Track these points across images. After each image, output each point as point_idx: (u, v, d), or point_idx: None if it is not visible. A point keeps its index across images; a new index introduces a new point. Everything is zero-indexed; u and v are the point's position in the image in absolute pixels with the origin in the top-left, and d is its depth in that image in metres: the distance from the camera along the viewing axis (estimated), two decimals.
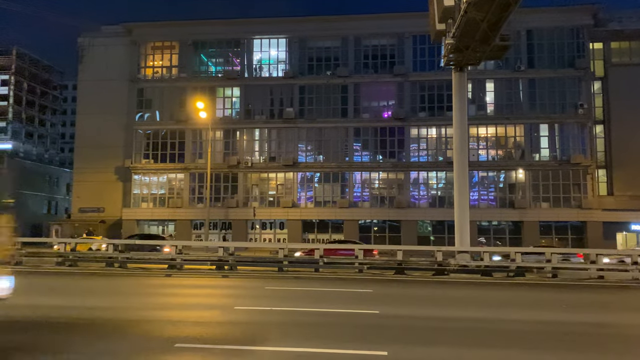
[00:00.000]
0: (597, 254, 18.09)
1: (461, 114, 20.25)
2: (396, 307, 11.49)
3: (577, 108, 38.43)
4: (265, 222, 40.17)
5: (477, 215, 38.11)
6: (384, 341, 7.99)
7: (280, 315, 10.39)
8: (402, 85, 40.22)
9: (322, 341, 8.02)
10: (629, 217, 37.72)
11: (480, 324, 9.64)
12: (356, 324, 9.54)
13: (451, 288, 15.45)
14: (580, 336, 8.79)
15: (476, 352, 7.50)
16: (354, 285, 15.41)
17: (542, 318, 10.42)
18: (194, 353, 7.27)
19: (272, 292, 13.83)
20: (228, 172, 40.25)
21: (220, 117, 40.95)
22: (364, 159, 40.43)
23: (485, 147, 39.76)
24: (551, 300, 13.31)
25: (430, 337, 8.55)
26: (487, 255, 18.31)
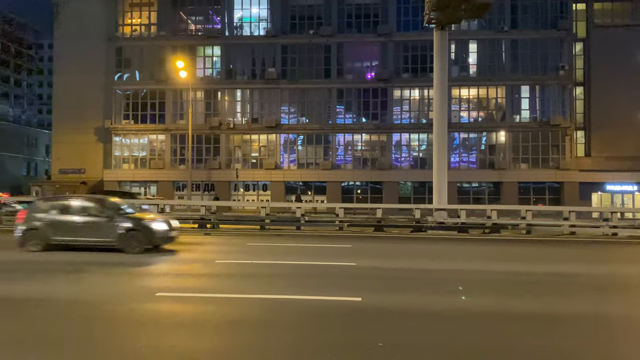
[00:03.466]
0: (570, 211, 18.67)
1: (442, 74, 20.27)
2: (373, 260, 11.84)
3: (558, 69, 38.62)
4: (249, 183, 40.28)
5: (457, 176, 38.69)
6: (360, 289, 8.31)
7: (261, 267, 10.66)
8: (386, 45, 39.86)
9: (300, 289, 8.31)
10: (605, 178, 38.64)
11: (454, 274, 10.02)
12: (334, 274, 9.86)
13: (428, 243, 15.89)
14: (545, 285, 9.23)
15: (446, 298, 7.86)
16: (334, 241, 15.76)
17: (513, 269, 10.87)
18: (174, 300, 7.50)
19: (253, 247, 14.10)
20: (210, 133, 39.97)
21: (201, 77, 40.32)
22: (346, 121, 40.38)
23: (467, 108, 39.95)
24: (522, 254, 13.81)
25: (403, 285, 8.90)
26: (464, 212, 18.77)
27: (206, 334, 5.77)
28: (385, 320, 6.51)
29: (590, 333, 6.09)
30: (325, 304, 7.37)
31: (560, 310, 7.17)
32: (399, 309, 7.13)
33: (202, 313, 6.77)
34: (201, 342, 5.45)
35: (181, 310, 7.00)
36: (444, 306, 7.26)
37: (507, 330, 6.12)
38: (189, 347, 5.25)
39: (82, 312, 6.70)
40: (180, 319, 6.45)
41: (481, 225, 18.92)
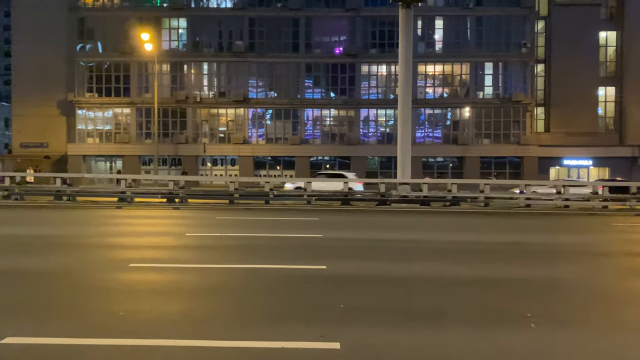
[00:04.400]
0: (525, 184, 19.69)
1: (407, 52, 20.77)
2: (339, 232, 12.42)
3: (520, 47, 39.63)
4: (216, 158, 40.27)
5: (422, 151, 39.65)
6: (324, 258, 8.83)
7: (230, 240, 11.08)
8: (354, 20, 39.96)
9: (268, 259, 8.78)
10: (562, 153, 40.30)
11: (414, 244, 10.69)
12: (301, 245, 10.37)
13: (391, 216, 16.60)
14: (494, 252, 9.98)
15: (404, 265, 8.48)
16: (302, 214, 16.28)
17: (468, 239, 11.62)
18: (147, 271, 7.86)
19: (223, 221, 14.49)
20: (176, 107, 39.58)
21: (167, 49, 39.67)
22: (315, 96, 40.61)
23: (433, 84, 40.71)
24: (479, 225, 14.65)
25: (366, 254, 9.49)
26: (426, 186, 19.57)
27: (181, 299, 6.18)
28: (348, 285, 7.05)
29: (527, 293, 6.78)
30: (292, 272, 7.86)
31: (502, 274, 7.87)
32: (361, 275, 7.68)
33: (175, 282, 7.16)
34: (176, 306, 5.86)
35: (155, 279, 7.37)
36: (403, 272, 7.86)
37: (456, 292, 6.74)
38: (165, 310, 5.66)
39: (59, 282, 7.00)
40: (155, 287, 6.83)
41: (442, 198, 19.79)
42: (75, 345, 4.53)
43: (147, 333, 4.83)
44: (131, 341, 4.60)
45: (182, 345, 4.57)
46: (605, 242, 11.73)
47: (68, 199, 19.78)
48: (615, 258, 9.62)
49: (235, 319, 5.44)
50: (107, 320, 5.26)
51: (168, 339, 4.67)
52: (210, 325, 5.17)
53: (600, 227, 14.64)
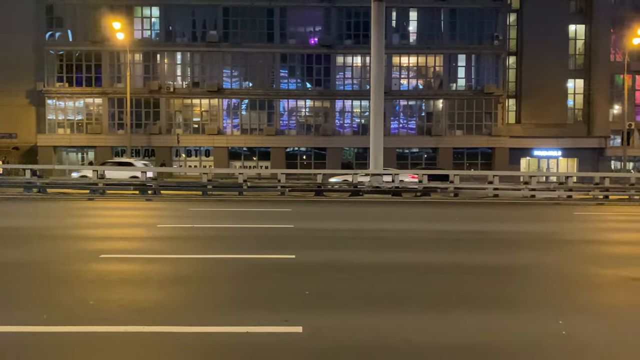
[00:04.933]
0: (493, 175, 20.20)
1: (379, 44, 20.99)
2: (310, 222, 12.63)
3: (493, 39, 40.25)
4: (191, 149, 40.00)
5: (397, 142, 40.19)
6: (294, 248, 9.04)
7: (202, 231, 11.19)
8: (329, 10, 39.96)
9: (239, 250, 8.94)
10: (533, 144, 41.26)
11: (383, 233, 10.97)
12: (272, 235, 10.54)
13: (363, 206, 16.89)
14: (461, 241, 10.33)
15: (372, 253, 8.73)
16: (275, 206, 16.44)
17: (435, 228, 11.97)
18: (118, 261, 7.94)
19: (195, 212, 14.55)
20: (149, 97, 39.10)
21: (139, 38, 39.05)
22: (290, 86, 40.58)
23: (407, 76, 41.08)
24: (448, 215, 15.04)
25: (336, 244, 9.72)
26: (397, 177, 19.91)
27: (150, 288, 6.31)
28: (315, 273, 7.27)
29: (487, 280, 7.10)
30: (261, 262, 8.04)
31: (465, 261, 8.21)
32: (329, 263, 7.91)
33: (145, 272, 7.27)
34: (146, 295, 6.00)
35: (126, 269, 7.45)
36: (370, 260, 8.11)
37: (420, 279, 7.03)
38: (134, 299, 5.79)
39: (29, 273, 7.04)
40: (126, 277, 6.93)
41: (413, 189, 20.16)
42: (44, 333, 4.64)
43: (117, 320, 4.97)
44: (100, 328, 4.74)
45: (149, 331, 4.73)
46: (563, 230, 12.22)
47: (38, 190, 19.50)
48: (572, 245, 10.06)
49: (203, 307, 5.60)
50: (77, 309, 5.37)
51: (136, 326, 4.82)
52: (178, 312, 5.32)
53: (561, 216, 15.18)
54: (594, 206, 18.74)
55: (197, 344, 4.47)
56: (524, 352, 4.35)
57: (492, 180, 19.91)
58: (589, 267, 7.95)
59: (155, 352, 4.32)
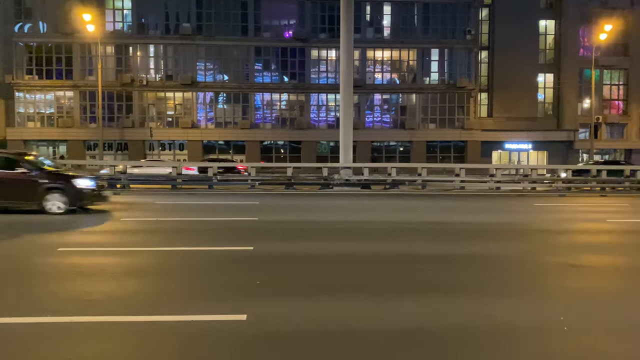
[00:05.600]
0: (460, 168, 20.62)
1: (348, 37, 21.16)
2: (275, 215, 12.79)
3: (465, 34, 40.77)
4: (164, 142, 39.69)
5: (372, 136, 40.56)
6: (254, 240, 9.19)
7: (165, 224, 11.25)
8: (304, 4, 39.94)
9: (199, 242, 9.06)
10: (504, 137, 42.00)
11: (346, 225, 11.20)
12: (235, 228, 10.67)
13: (332, 199, 17.11)
14: (421, 231, 10.62)
15: (331, 244, 8.93)
16: (243, 199, 16.55)
17: (396, 219, 12.24)
18: (75, 254, 8.00)
19: (162, 206, 14.57)
20: (122, 90, 38.63)
21: (111, 31, 38.48)
22: (265, 80, 40.50)
23: (381, 70, 41.37)
24: (411, 206, 15.34)
25: (297, 235, 9.91)
26: (367, 170, 20.19)
27: (103, 280, 6.40)
28: (270, 264, 7.44)
29: (436, 269, 7.37)
30: (219, 253, 8.18)
31: (420, 251, 8.48)
32: (286, 254, 8.09)
33: (101, 264, 7.34)
34: (98, 287, 6.09)
35: (81, 262, 7.52)
36: (328, 251, 8.31)
37: (373, 268, 7.25)
38: (85, 290, 5.88)
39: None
40: (80, 270, 7.00)
41: (382, 181, 20.47)
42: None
43: (66, 311, 5.07)
44: (49, 319, 4.84)
45: (96, 321, 4.86)
46: (520, 221, 12.61)
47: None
48: (525, 235, 10.43)
49: (153, 298, 5.73)
50: (27, 301, 5.45)
51: (84, 316, 4.95)
52: (127, 303, 5.45)
53: (522, 208, 15.61)
54: (556, 197, 19.28)
55: (139, 332, 4.60)
56: (450, 334, 4.60)
57: (459, 173, 20.32)
58: (537, 255, 8.30)
59: (101, 340, 4.44)
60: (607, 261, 8.00)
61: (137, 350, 4.24)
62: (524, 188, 20.37)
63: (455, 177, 20.51)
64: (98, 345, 4.32)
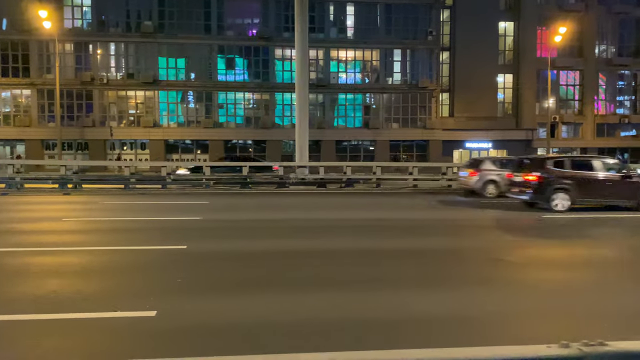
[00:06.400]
0: (413, 166, 21.07)
1: (302, 37, 21.36)
2: (221, 214, 12.88)
3: (427, 35, 41.46)
4: (126, 142, 39.14)
5: (336, 135, 40.88)
6: (191, 239, 9.28)
7: (106, 223, 11.22)
8: (267, 3, 39.93)
9: (134, 242, 9.09)
10: (465, 136, 42.91)
11: (286, 222, 11.39)
12: (174, 227, 10.73)
13: (286, 197, 17.27)
14: (366, 228, 10.87)
15: (267, 242, 9.08)
16: (195, 198, 16.55)
17: (349, 216, 12.49)
18: (3, 255, 7.95)
19: (108, 205, 14.47)
20: (81, 88, 37.92)
21: (70, 28, 37.74)
22: (229, 79, 40.34)
23: (345, 70, 41.72)
24: (360, 204, 15.65)
25: (235, 234, 10.03)
26: (322, 169, 20.42)
27: (25, 280, 6.42)
28: (198, 262, 7.55)
29: (359, 262, 7.61)
30: (152, 252, 8.26)
31: (338, 246, 8.71)
32: (217, 253, 8.20)
33: (26, 264, 7.34)
34: (17, 287, 6.11)
35: (8, 262, 7.49)
36: (262, 248, 8.45)
37: (300, 263, 7.43)
38: (7, 291, 5.91)
39: None
40: (2, 269, 6.99)
41: (338, 180, 20.73)
42: None
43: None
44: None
45: (5, 319, 4.91)
46: (457, 217, 13.01)
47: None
48: (450, 229, 10.79)
49: (71, 296, 5.79)
50: None
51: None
52: (45, 301, 5.49)
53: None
54: None
55: (41, 329, 4.68)
56: (334, 325, 4.83)
57: (412, 171, 20.76)
58: (460, 248, 8.63)
59: (15, 337, 4.50)
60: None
61: (29, 350, 4.29)
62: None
63: (409, 175, 20.93)
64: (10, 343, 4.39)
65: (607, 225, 12.12)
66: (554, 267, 7.64)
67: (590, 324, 5.09)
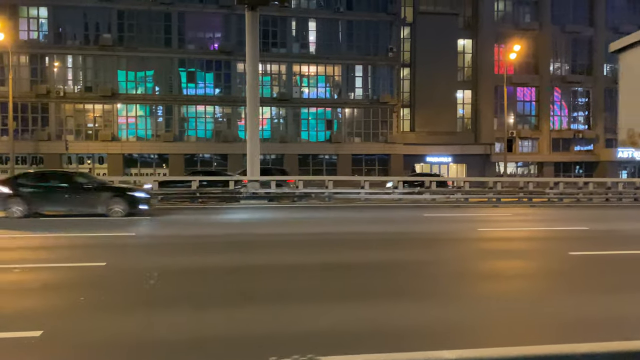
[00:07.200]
0: (364, 180, 21.25)
1: (253, 52, 21.45)
2: (157, 230, 12.68)
3: (388, 51, 42.16)
4: (83, 156, 38.33)
5: (299, 149, 40.95)
6: (114, 255, 9.14)
7: (32, 240, 10.91)
8: (229, 17, 39.95)
9: (54, 259, 8.87)
10: (425, 151, 43.57)
11: (219, 238, 11.29)
12: (102, 244, 10.50)
13: (229, 212, 17.13)
14: (297, 242, 10.84)
15: (189, 258, 8.96)
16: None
17: (296, 231, 12.50)
18: None
19: (43, 222, 14.07)
20: (37, 101, 37.08)
21: (26, 40, 36.97)
22: (189, 92, 40.08)
23: (308, 85, 41.99)
24: (315, 218, 15.62)
25: (159, 250, 9.88)
26: (274, 183, 20.39)
27: None
28: (114, 280, 7.42)
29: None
30: (68, 270, 8.07)
31: (255, 262, 8.67)
32: (137, 270, 8.03)
33: None
34: None
35: None
36: (181, 265, 8.34)
37: (213, 280, 7.36)
38: None
39: None
40: None
41: (290, 194, 20.72)
42: None
43: None
44: None
45: None
46: (398, 229, 13.14)
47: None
48: (396, 243, 10.89)
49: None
50: None
51: None
52: None
53: (411, 218, 16.20)
54: (448, 207, 20.06)
55: None
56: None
57: (364, 185, 20.93)
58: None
59: None
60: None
61: None
62: (424, 199, 21.21)
63: (361, 189, 21.07)
64: None
65: None
66: None
67: None
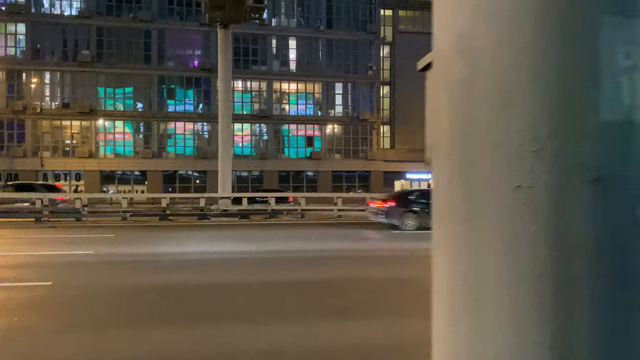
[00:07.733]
0: (337, 197, 21.26)
1: (226, 70, 21.56)
2: (117, 248, 12.47)
3: (367, 69, 42.62)
4: (59, 173, 37.91)
5: (280, 165, 40.99)
6: (66, 275, 8.93)
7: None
8: (209, 35, 40.00)
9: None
10: (405, 167, 43.75)
11: (177, 256, 11.13)
12: (56, 262, 10.30)
13: (202, 230, 16.98)
14: (264, 260, 10.75)
15: (140, 276, 8.83)
16: (103, 231, 16.03)
17: (243, 249, 12.35)
18: None
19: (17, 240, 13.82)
20: (13, 118, 36.73)
21: (3, 56, 36.75)
22: (169, 109, 40.01)
23: (288, 102, 42.18)
24: (267, 236, 15.49)
25: (116, 270, 9.71)
26: (245, 200, 20.30)
27: None
28: (57, 300, 7.26)
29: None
30: (13, 289, 7.87)
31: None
32: (84, 289, 7.90)
33: None
34: None
35: None
36: (131, 283, 8.19)
37: (163, 300, 7.23)
38: None
39: None
40: None
41: (262, 211, 20.62)
42: None
43: None
44: None
45: None
46: (364, 247, 13.12)
47: None
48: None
49: None
50: None
51: None
52: None
53: (380, 234, 16.20)
54: None
55: None
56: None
57: (337, 202, 20.92)
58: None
59: None
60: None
61: None
62: None
63: (334, 206, 21.07)
64: None
65: None
66: None
67: None
